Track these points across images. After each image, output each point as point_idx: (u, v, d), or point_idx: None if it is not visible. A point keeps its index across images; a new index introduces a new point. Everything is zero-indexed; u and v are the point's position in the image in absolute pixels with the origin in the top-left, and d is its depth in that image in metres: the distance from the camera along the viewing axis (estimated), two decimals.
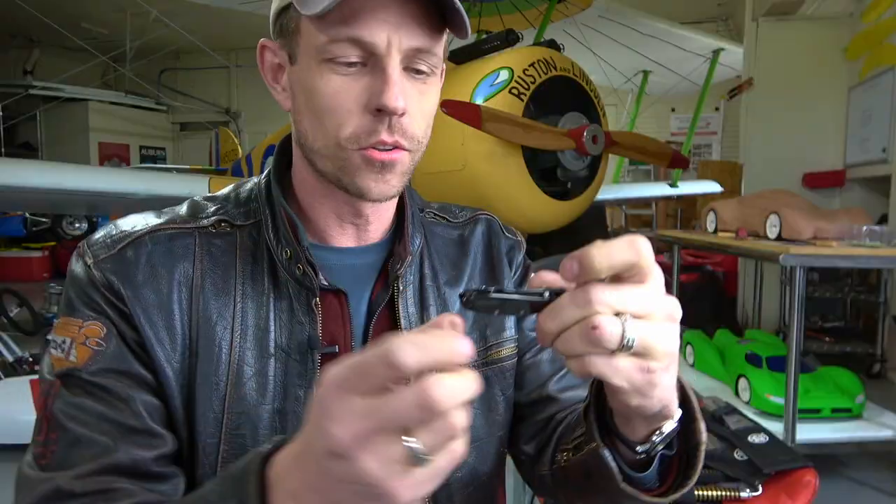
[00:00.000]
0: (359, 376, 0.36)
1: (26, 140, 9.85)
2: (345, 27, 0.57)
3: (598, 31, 4.76)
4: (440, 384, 0.35)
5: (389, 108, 0.59)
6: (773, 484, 1.59)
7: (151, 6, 5.44)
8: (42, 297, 4.80)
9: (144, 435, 0.60)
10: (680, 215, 8.01)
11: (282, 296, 0.66)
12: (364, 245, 0.72)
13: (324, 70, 0.60)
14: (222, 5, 4.60)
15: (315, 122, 0.63)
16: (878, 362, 3.86)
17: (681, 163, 3.78)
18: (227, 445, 0.62)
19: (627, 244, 0.43)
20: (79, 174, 3.34)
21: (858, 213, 2.83)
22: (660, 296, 0.44)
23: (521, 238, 0.85)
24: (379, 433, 0.36)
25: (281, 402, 0.64)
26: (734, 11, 8.30)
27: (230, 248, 0.67)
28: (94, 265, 0.63)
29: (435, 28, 0.61)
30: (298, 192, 0.71)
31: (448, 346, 0.37)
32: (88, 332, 0.61)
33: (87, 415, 0.59)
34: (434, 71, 0.63)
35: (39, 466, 0.58)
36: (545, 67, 3.10)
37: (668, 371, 0.46)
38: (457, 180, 3.15)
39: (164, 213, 0.69)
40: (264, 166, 5.51)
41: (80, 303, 0.63)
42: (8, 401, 2.73)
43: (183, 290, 0.64)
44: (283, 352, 0.65)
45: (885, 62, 3.97)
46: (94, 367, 0.60)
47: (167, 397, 0.62)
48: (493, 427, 0.74)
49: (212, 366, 0.63)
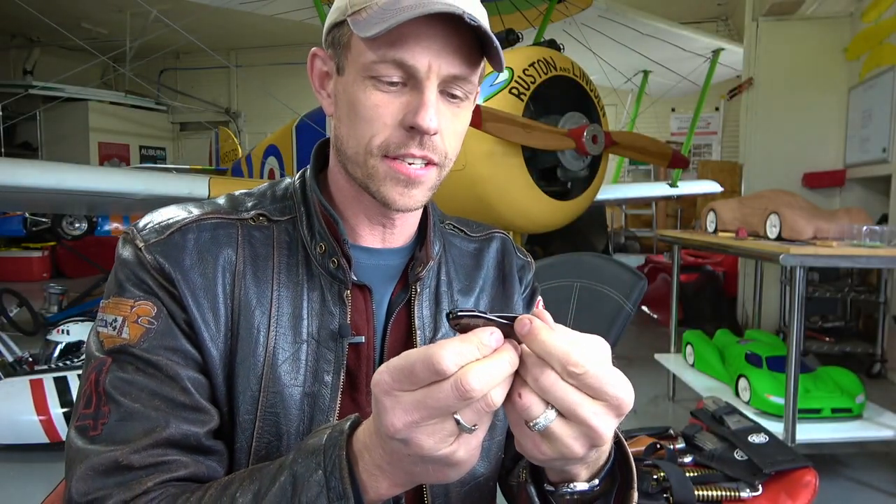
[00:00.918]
0: (407, 378, 0.45)
1: (26, 140, 9.85)
2: (391, 49, 0.62)
3: (598, 31, 4.76)
4: (475, 375, 0.43)
5: (423, 128, 0.63)
6: (773, 484, 1.59)
7: (151, 6, 5.44)
8: (42, 297, 4.79)
9: (193, 410, 0.63)
10: (680, 215, 8.02)
11: (314, 287, 0.70)
12: (389, 248, 0.76)
13: (368, 85, 0.64)
14: (222, 5, 4.60)
15: (351, 130, 0.67)
16: (878, 362, 3.86)
17: (681, 163, 3.79)
18: (262, 422, 0.66)
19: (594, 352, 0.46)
20: (79, 174, 3.34)
21: (858, 213, 2.83)
22: (596, 404, 0.46)
23: (531, 259, 0.90)
24: (426, 418, 0.45)
25: (311, 386, 0.68)
26: (734, 11, 8.31)
27: (267, 241, 0.71)
28: (144, 248, 0.66)
29: (473, 58, 0.66)
30: (333, 192, 0.75)
31: (480, 345, 0.44)
32: (140, 312, 0.65)
33: (139, 390, 0.62)
34: (468, 96, 0.68)
35: (90, 438, 0.61)
36: (545, 67, 3.10)
37: (582, 459, 0.49)
38: (457, 180, 3.15)
39: (206, 204, 0.73)
40: (264, 166, 5.51)
41: (130, 284, 0.66)
42: (8, 401, 2.72)
43: (227, 275, 0.68)
44: (314, 339, 0.69)
45: (885, 62, 3.97)
46: (145, 343, 0.63)
47: (211, 375, 0.66)
48: (492, 431, 0.76)
49: (250, 347, 0.67)
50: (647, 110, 6.51)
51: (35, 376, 2.83)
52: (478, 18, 0.61)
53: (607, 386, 0.45)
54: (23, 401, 2.70)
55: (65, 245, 7.97)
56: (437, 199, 0.78)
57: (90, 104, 9.95)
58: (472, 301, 0.80)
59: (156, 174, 4.05)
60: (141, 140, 10.96)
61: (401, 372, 0.45)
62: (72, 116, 9.83)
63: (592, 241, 5.72)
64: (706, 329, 3.59)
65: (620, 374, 0.47)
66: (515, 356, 0.45)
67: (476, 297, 0.81)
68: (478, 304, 0.80)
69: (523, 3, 4.27)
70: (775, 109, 4.64)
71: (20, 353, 3.29)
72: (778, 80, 4.62)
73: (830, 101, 4.50)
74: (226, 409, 0.67)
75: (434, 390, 0.44)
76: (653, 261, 5.98)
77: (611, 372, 0.46)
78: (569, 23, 4.50)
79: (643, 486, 1.53)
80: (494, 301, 0.82)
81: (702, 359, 3.20)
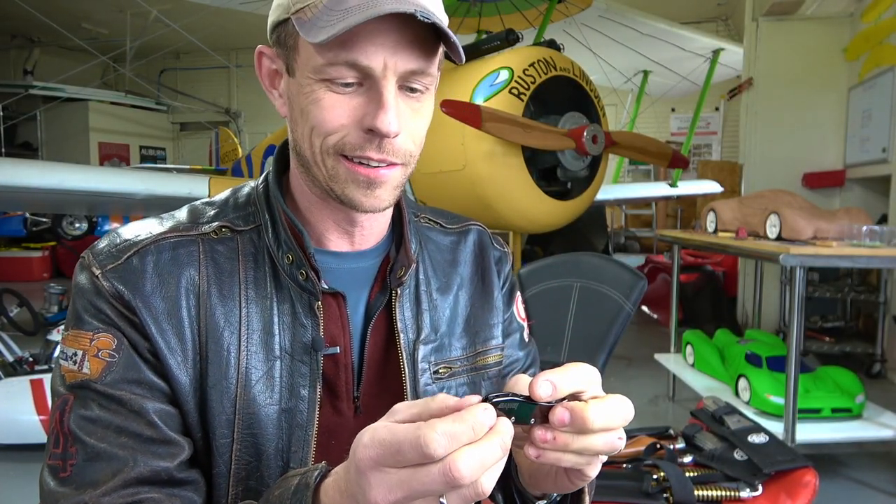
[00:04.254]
0: (393, 457, 0.43)
1: (26, 140, 9.85)
2: (343, 51, 0.59)
3: (598, 31, 4.76)
4: (465, 460, 0.41)
5: (383, 132, 0.60)
6: (773, 484, 1.59)
7: (151, 6, 5.44)
8: (42, 297, 4.79)
9: (162, 444, 0.61)
10: (680, 215, 8.01)
11: (284, 299, 0.68)
12: (360, 250, 0.73)
13: (320, 88, 0.61)
14: (222, 5, 4.60)
15: (307, 132, 0.64)
16: (878, 362, 3.86)
17: (681, 163, 3.79)
18: (239, 444, 0.64)
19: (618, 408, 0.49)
20: (79, 174, 3.34)
21: (858, 213, 2.83)
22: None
23: (508, 250, 0.87)
24: (410, 499, 0.43)
25: (287, 401, 0.66)
26: (734, 11, 8.31)
27: (232, 254, 0.68)
28: (101, 275, 0.63)
29: (430, 49, 0.62)
30: (296, 196, 0.72)
31: (475, 425, 0.42)
32: (100, 345, 0.62)
33: (104, 428, 0.60)
34: (428, 88, 0.65)
35: (60, 480, 0.59)
36: (545, 67, 3.10)
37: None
38: (457, 180, 3.15)
39: (165, 219, 0.70)
40: (264, 166, 5.51)
41: (88, 314, 0.63)
42: (8, 401, 2.73)
43: (191, 297, 0.65)
44: (287, 354, 0.67)
45: (885, 62, 3.97)
46: (108, 378, 0.61)
47: (181, 402, 0.63)
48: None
49: (222, 370, 0.64)
50: (647, 110, 6.51)
51: (35, 376, 2.83)
52: (430, 13, 0.57)
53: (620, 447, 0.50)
54: (23, 401, 2.70)
55: (65, 245, 7.97)
56: (436, 199, 0.77)
57: (90, 104, 9.95)
58: (450, 299, 0.78)
59: (156, 174, 4.05)
60: (141, 140, 10.95)
61: (387, 449, 0.43)
62: (72, 116, 9.84)
63: (592, 241, 5.72)
64: (706, 329, 3.59)
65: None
66: (508, 439, 0.44)
67: (455, 294, 0.78)
68: (457, 302, 0.78)
69: (523, 3, 4.27)
70: (775, 109, 4.63)
71: (20, 353, 3.29)
72: (778, 80, 4.61)
73: (830, 101, 4.50)
74: (199, 435, 0.64)
75: (421, 473, 0.42)
76: (653, 261, 5.97)
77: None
78: (569, 23, 4.50)
79: (643, 486, 1.53)
80: (474, 297, 0.80)
81: (702, 359, 3.20)
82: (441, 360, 0.75)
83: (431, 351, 0.74)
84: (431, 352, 0.74)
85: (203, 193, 3.56)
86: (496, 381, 0.80)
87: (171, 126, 11.62)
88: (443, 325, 0.76)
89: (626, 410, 0.49)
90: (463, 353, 0.77)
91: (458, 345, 0.77)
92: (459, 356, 0.77)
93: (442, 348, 0.75)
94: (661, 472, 1.57)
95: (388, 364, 0.72)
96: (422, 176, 3.23)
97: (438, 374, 0.74)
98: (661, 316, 5.30)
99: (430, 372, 0.73)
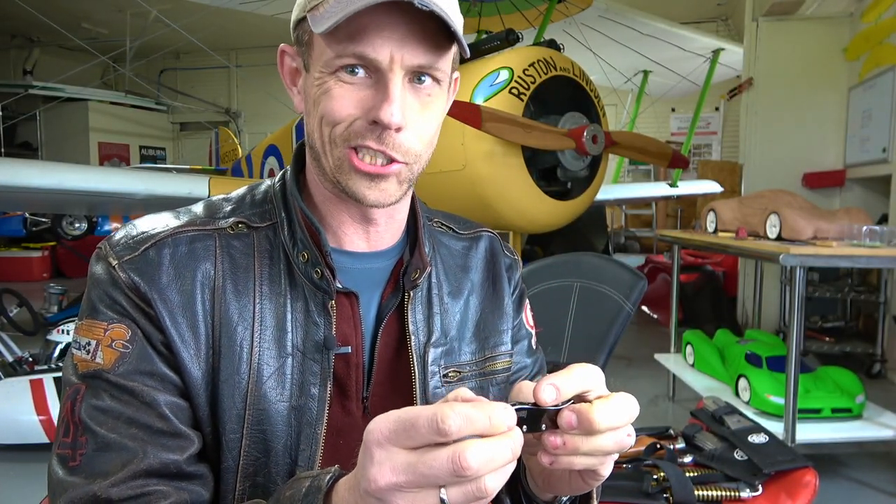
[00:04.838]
0: (405, 433, 0.42)
1: (26, 140, 9.85)
2: (351, 44, 0.60)
3: (598, 31, 4.76)
4: (474, 451, 0.41)
5: (384, 123, 0.61)
6: (773, 484, 1.59)
7: (151, 6, 5.44)
8: (42, 297, 4.79)
9: (172, 437, 0.61)
10: (680, 215, 8.01)
11: (297, 297, 0.68)
12: (375, 250, 0.73)
13: (331, 81, 0.63)
14: (222, 5, 4.60)
15: (318, 122, 0.65)
16: (878, 362, 3.86)
17: (681, 163, 3.78)
18: (249, 440, 0.65)
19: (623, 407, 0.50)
20: (79, 174, 3.33)
21: (858, 213, 2.83)
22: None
23: (517, 258, 0.88)
24: (412, 485, 0.42)
25: (297, 399, 0.67)
26: (734, 11, 8.31)
27: (248, 250, 0.68)
28: (118, 266, 0.63)
29: (441, 45, 0.62)
30: (313, 193, 0.73)
31: (492, 416, 0.42)
32: (114, 335, 0.62)
33: (115, 419, 0.60)
34: (438, 84, 0.65)
35: (69, 469, 0.59)
36: (545, 67, 3.10)
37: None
38: (457, 180, 3.15)
39: (182, 213, 0.70)
40: (264, 166, 5.51)
41: (103, 305, 0.63)
42: (8, 401, 2.72)
43: (206, 291, 0.65)
44: (299, 351, 0.67)
45: (885, 62, 3.97)
46: (120, 368, 0.61)
47: (192, 396, 0.64)
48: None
49: (234, 365, 0.64)
50: (647, 110, 6.51)
51: (35, 376, 2.83)
52: (430, 3, 0.57)
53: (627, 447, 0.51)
54: (23, 401, 2.70)
55: (65, 245, 7.96)
56: (436, 199, 0.77)
57: (90, 104, 9.95)
58: (461, 303, 0.78)
59: (156, 174, 4.05)
60: (141, 140, 10.95)
61: (402, 423, 0.42)
62: (72, 116, 9.83)
63: (592, 241, 5.72)
64: (706, 329, 3.59)
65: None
66: (519, 445, 0.44)
67: (465, 299, 0.79)
68: (467, 307, 0.79)
69: (523, 3, 4.27)
70: (775, 109, 4.63)
71: (20, 353, 3.29)
72: (778, 80, 4.61)
73: (830, 101, 4.50)
74: (209, 430, 0.64)
75: (429, 457, 0.41)
76: (653, 261, 5.97)
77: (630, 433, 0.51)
78: (569, 23, 4.50)
79: (643, 486, 1.53)
80: (485, 303, 0.80)
81: (702, 359, 3.20)
82: (451, 364, 0.75)
83: (441, 354, 0.74)
84: (441, 355, 0.74)
85: (203, 193, 3.56)
86: (504, 388, 0.80)
87: (170, 126, 11.62)
88: (453, 329, 0.76)
89: (631, 408, 0.50)
90: (472, 358, 0.77)
91: (467, 349, 0.77)
92: (469, 361, 0.77)
93: (452, 352, 0.75)
94: (661, 472, 1.57)
95: (399, 365, 0.73)
96: (422, 176, 3.21)
97: (448, 377, 0.74)
98: (661, 316, 5.30)
99: (439, 375, 0.74)
